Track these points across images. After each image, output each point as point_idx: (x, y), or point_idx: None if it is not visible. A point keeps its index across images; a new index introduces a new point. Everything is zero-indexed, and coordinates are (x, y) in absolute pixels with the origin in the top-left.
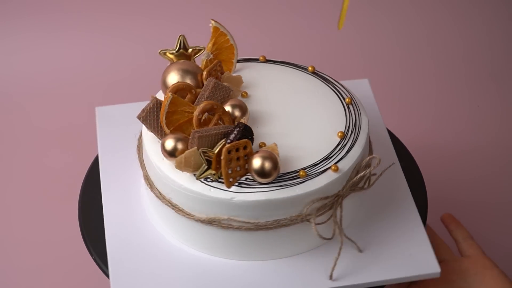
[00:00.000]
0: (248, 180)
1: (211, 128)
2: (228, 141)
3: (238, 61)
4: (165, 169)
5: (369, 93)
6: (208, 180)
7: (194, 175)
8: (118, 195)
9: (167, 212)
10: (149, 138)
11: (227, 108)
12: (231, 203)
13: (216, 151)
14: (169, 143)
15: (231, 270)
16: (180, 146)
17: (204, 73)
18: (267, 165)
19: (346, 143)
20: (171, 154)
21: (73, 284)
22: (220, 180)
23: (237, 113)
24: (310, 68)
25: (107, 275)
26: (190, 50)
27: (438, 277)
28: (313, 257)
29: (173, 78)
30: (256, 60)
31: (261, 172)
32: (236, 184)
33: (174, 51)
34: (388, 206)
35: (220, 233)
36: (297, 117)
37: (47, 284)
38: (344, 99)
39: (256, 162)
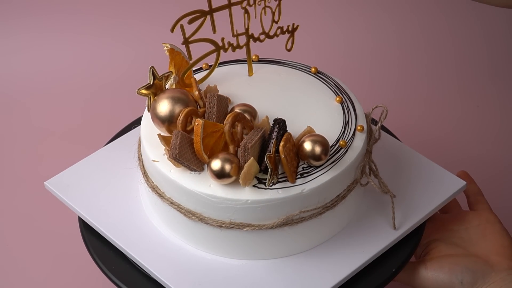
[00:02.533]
0: (304, 169)
1: (251, 136)
2: (272, 140)
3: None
4: (220, 193)
5: None
6: (271, 184)
7: (254, 186)
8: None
9: (211, 232)
10: (180, 174)
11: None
12: (302, 195)
13: (272, 153)
14: (217, 165)
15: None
16: (228, 165)
17: (196, 93)
18: (318, 147)
19: (348, 105)
20: (223, 175)
21: (73, 284)
22: (279, 180)
23: (248, 117)
24: (254, 57)
25: (107, 276)
26: (160, 77)
27: (442, 226)
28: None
29: (166, 108)
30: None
31: (315, 155)
32: (298, 176)
33: (149, 85)
34: (388, 158)
35: (291, 232)
36: (290, 102)
37: (47, 285)
38: (309, 70)
39: (308, 147)
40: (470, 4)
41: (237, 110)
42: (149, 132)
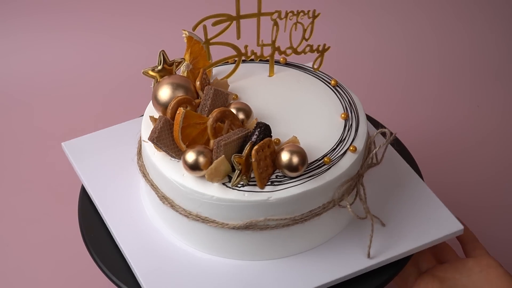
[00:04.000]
0: (278, 177)
1: (231, 134)
2: (250, 142)
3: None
4: (190, 184)
5: None
6: (240, 185)
7: (224, 184)
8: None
9: (194, 226)
10: (161, 158)
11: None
12: (268, 203)
13: (245, 155)
14: (191, 157)
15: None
16: (201, 158)
17: (198, 83)
18: (295, 158)
19: (352, 123)
20: (195, 168)
21: (73, 285)
22: (250, 183)
23: (241, 115)
24: (281, 60)
25: (108, 276)
26: (170, 63)
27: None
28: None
29: (166, 93)
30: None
31: (291, 166)
32: (269, 183)
33: (157, 68)
34: (393, 183)
35: (256, 236)
36: (293, 107)
37: (47, 285)
38: (329, 82)
39: (285, 157)
40: (472, 3)
41: (232, 107)
42: (151, 113)
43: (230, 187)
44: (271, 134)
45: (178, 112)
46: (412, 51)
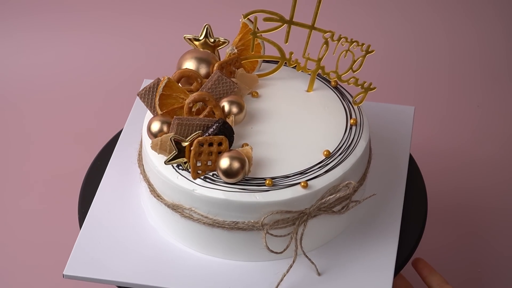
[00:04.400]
0: (215, 176)
1: (194, 118)
2: (206, 134)
3: (265, 61)
4: (148, 148)
5: (409, 120)
6: (180, 167)
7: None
8: (120, 172)
9: (145, 190)
10: (149, 116)
11: (224, 103)
12: (193, 194)
13: (188, 141)
14: (155, 125)
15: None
16: (165, 129)
17: (216, 64)
18: (233, 166)
19: (329, 163)
20: (155, 135)
21: (73, 284)
22: (189, 170)
23: (234, 109)
24: (332, 83)
25: None
26: (212, 40)
27: None
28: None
29: (188, 64)
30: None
31: (225, 172)
32: (202, 177)
33: (199, 38)
34: (371, 237)
35: (182, 221)
36: (294, 125)
37: (46, 285)
38: (350, 118)
39: (223, 161)
40: (472, 3)
41: (227, 98)
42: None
43: (170, 165)
44: (233, 135)
45: (163, 79)
46: (410, 51)
